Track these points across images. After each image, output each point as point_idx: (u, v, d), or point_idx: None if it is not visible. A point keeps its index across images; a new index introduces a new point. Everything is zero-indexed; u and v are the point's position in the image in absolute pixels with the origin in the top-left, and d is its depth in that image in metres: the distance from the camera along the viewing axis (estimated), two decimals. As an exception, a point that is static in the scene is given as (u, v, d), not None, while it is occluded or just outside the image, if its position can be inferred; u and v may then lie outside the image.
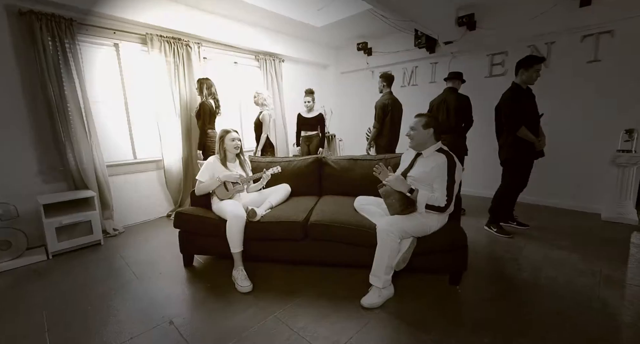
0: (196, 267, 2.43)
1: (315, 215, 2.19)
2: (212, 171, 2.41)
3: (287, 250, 2.24)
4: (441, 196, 1.84)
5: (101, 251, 2.77)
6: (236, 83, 4.45)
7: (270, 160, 2.87)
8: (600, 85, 3.27)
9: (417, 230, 1.89)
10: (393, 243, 1.82)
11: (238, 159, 2.58)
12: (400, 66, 4.93)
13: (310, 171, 2.76)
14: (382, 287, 1.85)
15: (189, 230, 2.31)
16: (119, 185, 3.37)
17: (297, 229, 2.13)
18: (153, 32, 3.36)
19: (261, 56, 4.56)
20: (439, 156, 1.91)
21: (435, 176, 1.88)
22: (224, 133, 2.45)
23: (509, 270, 2.24)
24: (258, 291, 2.02)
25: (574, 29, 3.32)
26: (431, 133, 1.97)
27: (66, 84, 2.84)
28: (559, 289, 1.96)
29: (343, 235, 2.07)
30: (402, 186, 1.89)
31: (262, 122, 3.81)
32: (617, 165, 3.14)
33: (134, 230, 3.34)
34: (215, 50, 4.09)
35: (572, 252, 2.49)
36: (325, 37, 4.98)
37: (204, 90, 3.41)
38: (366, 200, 2.29)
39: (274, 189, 2.61)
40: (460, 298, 1.92)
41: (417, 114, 2.04)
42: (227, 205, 2.23)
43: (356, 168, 2.67)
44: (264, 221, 2.18)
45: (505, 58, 3.86)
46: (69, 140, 2.91)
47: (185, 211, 2.30)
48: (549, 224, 3.16)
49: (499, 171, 3.02)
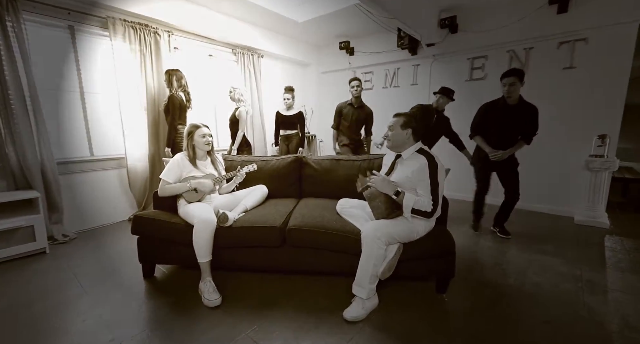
0: (158, 278, 2.15)
1: (294, 219, 2.00)
2: (179, 170, 2.15)
3: (263, 258, 2.03)
4: (427, 200, 1.72)
5: (45, 261, 2.41)
6: (211, 78, 4.17)
7: (246, 159, 2.65)
8: (575, 91, 3.35)
9: (404, 235, 1.76)
10: (379, 249, 1.67)
11: (209, 157, 2.34)
12: (382, 67, 4.86)
13: (290, 171, 2.57)
14: (366, 298, 1.69)
15: (149, 236, 2.04)
16: (72, 184, 2.99)
17: (274, 235, 1.93)
18: (115, 16, 3.03)
19: (239, 50, 4.31)
20: (419, 158, 1.78)
21: (418, 181, 1.75)
22: (193, 129, 2.21)
23: (494, 276, 2.17)
24: (228, 305, 1.79)
25: (551, 35, 3.39)
26: (409, 134, 1.85)
27: (7, 68, 2.46)
28: (545, 296, 1.90)
29: (324, 241, 1.89)
30: (388, 187, 1.75)
31: (239, 118, 3.57)
32: (590, 169, 3.21)
33: (88, 235, 2.97)
34: (188, 40, 3.80)
35: (553, 256, 2.47)
36: (307, 33, 4.81)
37: (174, 82, 3.12)
38: (349, 202, 2.13)
39: (249, 190, 2.39)
40: (447, 308, 1.80)
41: (396, 113, 1.92)
42: (195, 209, 1.99)
43: (339, 168, 2.52)
44: (237, 226, 1.95)
45: (485, 62, 3.89)
46: (9, 133, 2.52)
47: (145, 214, 2.03)
48: (527, 227, 3.17)
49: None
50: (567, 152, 3.47)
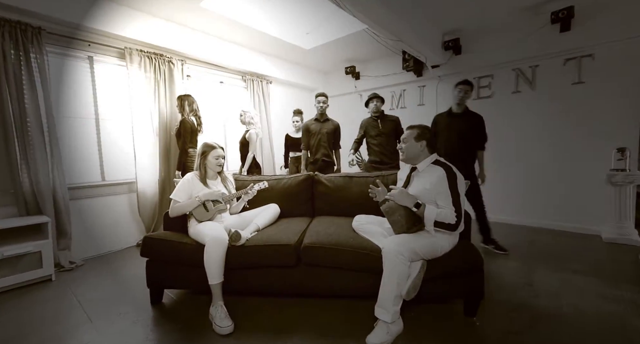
0: (166, 304, 2.03)
1: (309, 236, 1.91)
2: (189, 189, 2.12)
3: (277, 280, 1.91)
4: (450, 212, 1.63)
5: (50, 289, 2.31)
6: (221, 103, 4.28)
7: (257, 178, 2.61)
8: (587, 106, 3.32)
9: (428, 251, 1.65)
10: (403, 266, 1.55)
11: (219, 175, 2.31)
12: (389, 89, 4.96)
13: (302, 189, 2.51)
14: (390, 322, 1.55)
15: (159, 258, 1.96)
16: (81, 210, 2.97)
17: (289, 253, 1.83)
18: (132, 46, 3.19)
19: (248, 76, 4.46)
20: (436, 169, 1.73)
21: (438, 193, 1.68)
22: (207, 149, 2.20)
23: (526, 296, 2.00)
24: (241, 332, 1.66)
25: (556, 53, 3.44)
26: (424, 146, 1.81)
27: (27, 98, 2.54)
28: (587, 320, 1.72)
29: (342, 259, 1.78)
30: (407, 200, 1.67)
31: (249, 140, 3.59)
32: (612, 184, 3.08)
33: (95, 262, 2.88)
34: (200, 68, 3.95)
35: (586, 276, 2.29)
36: (314, 60, 4.99)
37: (185, 107, 3.20)
38: (366, 218, 2.04)
39: (261, 210, 2.32)
40: (480, 332, 1.64)
41: (409, 126, 1.90)
42: (206, 227, 1.92)
43: (352, 186, 2.45)
44: (250, 245, 1.87)
45: (492, 81, 3.93)
46: (24, 160, 2.55)
47: (155, 236, 1.96)
48: (552, 246, 2.99)
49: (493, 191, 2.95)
50: (586, 167, 3.36)
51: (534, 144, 3.68)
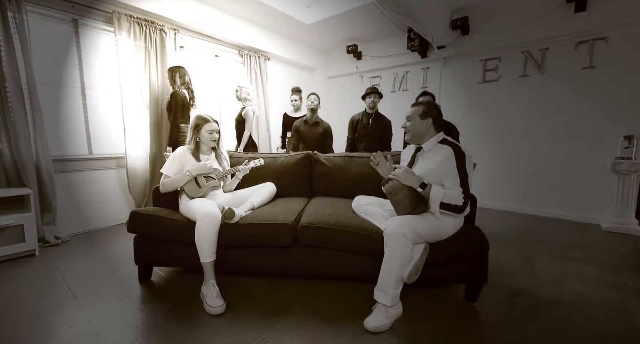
0: (155, 282, 1.94)
1: (307, 216, 1.81)
2: (181, 164, 1.99)
3: (272, 260, 1.83)
4: (457, 193, 1.54)
5: (34, 264, 2.21)
6: (217, 78, 4.07)
7: (253, 155, 2.49)
8: (596, 91, 3.21)
9: (432, 234, 1.56)
10: (405, 248, 1.47)
11: (214, 151, 2.18)
12: (391, 71, 4.78)
13: (300, 169, 2.40)
14: (390, 305, 1.49)
15: (147, 234, 1.85)
16: (68, 184, 2.83)
17: (285, 233, 1.74)
18: (121, 11, 2.95)
19: (245, 51, 4.24)
20: (444, 148, 1.62)
21: (445, 173, 1.58)
22: (201, 122, 2.06)
23: (528, 283, 1.95)
24: (233, 312, 1.58)
25: (568, 35, 3.29)
26: (430, 124, 1.69)
27: (5, 59, 2.35)
28: (591, 307, 1.68)
29: (341, 239, 1.70)
30: (412, 179, 1.57)
31: (245, 118, 3.44)
32: (617, 172, 3.02)
33: (82, 238, 2.78)
34: (195, 39, 3.72)
35: (587, 264, 2.26)
36: (314, 36, 4.76)
37: (177, 79, 3.01)
38: (366, 199, 1.94)
39: (256, 188, 2.21)
40: (481, 318, 1.58)
41: (414, 103, 1.78)
42: (198, 203, 1.81)
43: (352, 166, 2.35)
44: (244, 223, 1.77)
45: (499, 64, 3.78)
46: (4, 128, 2.39)
47: (143, 210, 1.85)
48: (552, 235, 2.96)
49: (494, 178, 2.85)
50: (590, 155, 3.29)
51: (539, 130, 3.59)
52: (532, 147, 3.64)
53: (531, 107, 3.61)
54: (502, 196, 3.84)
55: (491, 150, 3.80)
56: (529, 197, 3.70)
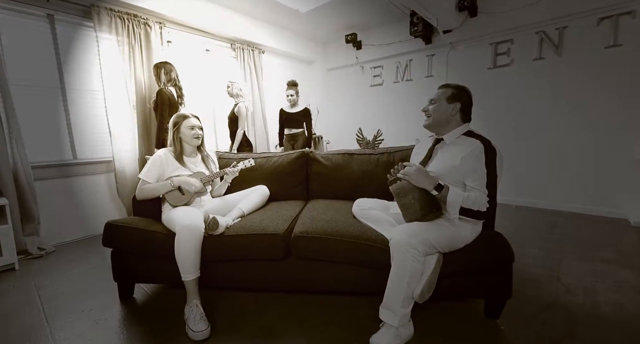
0: (137, 300, 1.76)
1: (302, 224, 1.60)
2: (162, 168, 1.79)
3: (263, 274, 1.62)
4: (481, 197, 1.30)
5: (11, 280, 2.05)
6: (209, 75, 3.85)
7: (243, 156, 2.28)
8: (622, 73, 2.90)
9: (447, 243, 1.34)
10: (415, 262, 1.25)
11: (199, 153, 1.98)
12: (393, 60, 4.50)
13: (295, 169, 2.18)
14: (398, 326, 1.27)
15: (124, 248, 1.66)
16: (51, 191, 2.66)
17: (276, 244, 1.53)
18: (100, 4, 2.74)
19: (238, 45, 4.01)
20: (471, 142, 1.39)
21: (469, 170, 1.35)
22: (179, 119, 1.86)
23: (556, 293, 1.71)
24: (219, 335, 1.39)
25: (589, 10, 2.97)
26: (457, 110, 1.46)
27: (-26, 59, 2.17)
28: (633, 320, 1.44)
29: (340, 251, 1.48)
30: (425, 180, 1.33)
31: (238, 115, 3.24)
32: (647, 161, 2.74)
33: (68, 248, 2.61)
34: (183, 33, 3.51)
35: (620, 266, 2.00)
36: (311, 26, 4.49)
37: (162, 76, 2.80)
38: (369, 203, 1.72)
39: (247, 192, 2.01)
40: (507, 338, 1.36)
41: (442, 85, 1.53)
42: (179, 213, 1.61)
43: (352, 164, 2.12)
44: (231, 234, 1.56)
45: (511, 47, 3.48)
46: (-24, 133, 2.22)
47: (119, 222, 1.65)
48: (575, 232, 2.70)
49: (506, 171, 2.60)
50: (616, 143, 2.99)
51: (557, 117, 3.30)
52: (550, 136, 3.35)
53: (548, 92, 3.32)
54: (518, 191, 3.57)
55: (505, 140, 3.52)
56: (548, 191, 3.42)
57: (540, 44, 3.29)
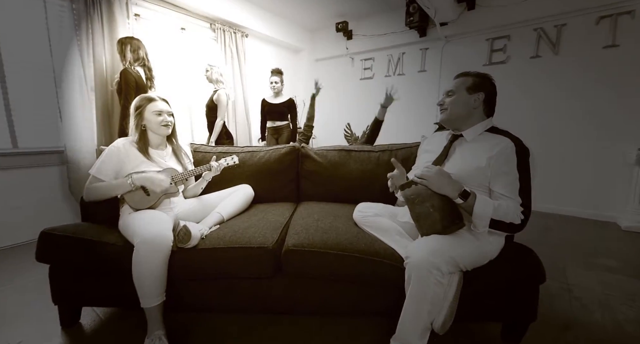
0: (86, 327, 1.41)
1: (294, 234, 1.32)
2: (120, 162, 1.44)
3: (247, 293, 1.34)
4: (514, 206, 1.09)
5: None
6: (184, 57, 3.43)
7: (224, 150, 1.96)
8: (619, 74, 2.85)
9: (472, 260, 1.12)
10: (438, 286, 1.02)
11: (170, 144, 1.64)
12: (385, 52, 4.28)
13: (284, 166, 1.89)
14: (413, 361, 1.04)
15: (67, 264, 1.31)
16: (-16, 186, 2.20)
17: (265, 260, 1.25)
18: (49, -39, 2.29)
19: (219, 25, 3.61)
20: (499, 140, 1.17)
21: (498, 175, 1.13)
22: (143, 102, 1.51)
23: (572, 309, 1.56)
24: (189, 379, 1.10)
25: (589, 9, 2.89)
26: (480, 101, 1.24)
27: None
28: (662, 343, 1.31)
29: (342, 267, 1.23)
30: (448, 185, 1.10)
31: (217, 103, 2.89)
32: (640, 165, 2.71)
33: (8, 255, 2.18)
34: (154, 7, 3.07)
35: (628, 277, 1.90)
36: (300, 11, 4.16)
37: (127, 54, 2.40)
38: (372, 208, 1.46)
39: (228, 193, 1.70)
40: (531, 369, 1.17)
41: (461, 73, 1.30)
42: (141, 219, 1.29)
43: (350, 162, 1.87)
44: (207, 247, 1.26)
45: (508, 43, 3.36)
46: None
47: (58, 231, 1.30)
48: (571, 236, 2.63)
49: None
50: (610, 146, 2.95)
51: (552, 118, 3.22)
52: (543, 137, 3.27)
53: (543, 91, 3.23)
54: (508, 192, 3.49)
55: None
56: (537, 192, 3.35)
57: (537, 41, 3.19)
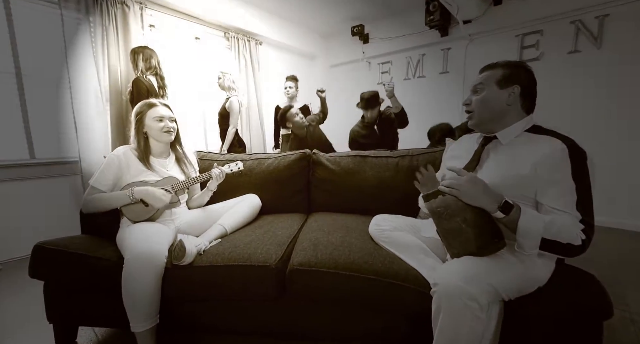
0: (81, 348, 1.32)
1: (302, 250, 1.17)
2: (119, 172, 1.37)
3: (247, 316, 1.19)
4: (572, 222, 0.88)
5: None
6: (198, 66, 3.43)
7: (230, 157, 1.85)
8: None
9: (517, 288, 0.92)
10: (475, 321, 0.82)
11: (173, 152, 1.55)
12: (404, 54, 4.10)
13: (294, 174, 1.75)
14: None
15: (61, 281, 1.23)
16: (2, 196, 2.22)
17: (267, 280, 1.10)
18: (66, -24, 2.34)
19: (232, 33, 3.60)
20: (546, 141, 0.96)
21: (546, 183, 0.92)
22: (143, 108, 1.44)
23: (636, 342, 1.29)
24: None
25: (635, -4, 2.59)
26: (515, 96, 1.03)
27: None
28: None
29: (354, 291, 1.05)
30: (484, 196, 0.91)
31: (230, 111, 2.83)
32: None
33: (20, 266, 2.17)
34: (168, 17, 3.09)
35: None
36: (314, 16, 4.09)
37: (139, 63, 2.39)
38: (391, 222, 1.27)
39: (233, 203, 1.58)
40: None
41: (487, 65, 1.11)
42: (134, 234, 1.18)
43: (366, 169, 1.69)
44: (203, 265, 1.13)
45: (541, 39, 3.08)
46: None
47: (52, 245, 1.22)
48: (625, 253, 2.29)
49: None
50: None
51: (595, 120, 2.89)
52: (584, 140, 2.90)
53: (583, 91, 2.91)
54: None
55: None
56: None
57: (576, 35, 2.89)
